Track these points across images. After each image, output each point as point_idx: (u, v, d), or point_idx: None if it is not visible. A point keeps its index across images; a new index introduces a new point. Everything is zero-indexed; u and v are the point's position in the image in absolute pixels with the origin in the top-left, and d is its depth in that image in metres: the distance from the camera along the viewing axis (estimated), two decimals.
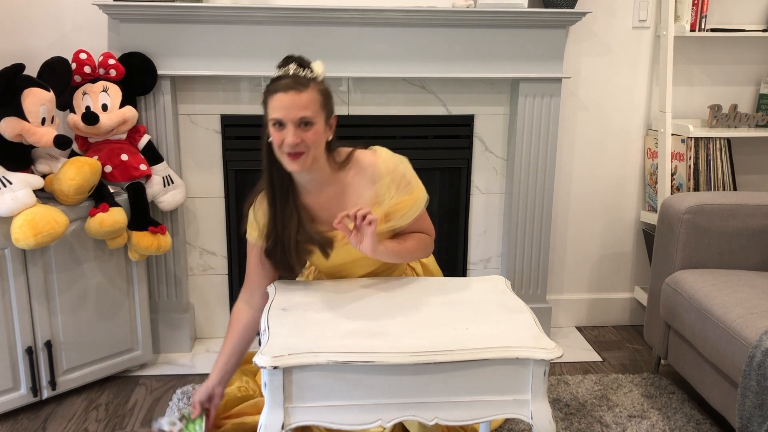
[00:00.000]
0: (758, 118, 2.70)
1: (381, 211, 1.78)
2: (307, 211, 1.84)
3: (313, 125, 1.70)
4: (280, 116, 1.68)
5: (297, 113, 1.68)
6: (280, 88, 1.68)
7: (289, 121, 1.68)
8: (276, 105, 1.68)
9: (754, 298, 2.00)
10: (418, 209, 1.84)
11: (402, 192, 1.81)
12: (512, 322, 1.62)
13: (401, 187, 1.81)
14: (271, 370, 1.43)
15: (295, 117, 1.68)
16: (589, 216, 2.90)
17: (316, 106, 1.71)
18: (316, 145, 1.72)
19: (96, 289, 2.31)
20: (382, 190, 1.80)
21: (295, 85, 1.68)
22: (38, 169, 2.21)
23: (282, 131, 1.69)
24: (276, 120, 1.69)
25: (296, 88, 1.68)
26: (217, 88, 2.57)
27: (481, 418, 1.53)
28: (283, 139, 1.69)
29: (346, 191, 1.83)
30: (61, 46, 2.45)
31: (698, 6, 2.60)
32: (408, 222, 1.84)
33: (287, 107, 1.67)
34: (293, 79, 1.70)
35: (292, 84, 1.68)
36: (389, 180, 1.80)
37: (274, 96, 1.69)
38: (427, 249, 1.93)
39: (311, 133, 1.70)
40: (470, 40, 2.51)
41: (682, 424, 2.20)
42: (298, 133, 1.68)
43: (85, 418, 2.21)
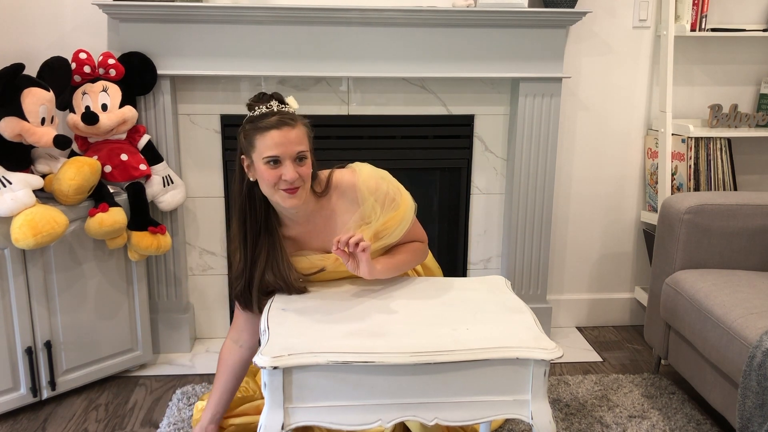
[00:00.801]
0: (758, 118, 2.70)
1: (370, 232, 1.78)
2: (294, 243, 1.84)
3: (307, 159, 1.71)
4: (278, 153, 1.66)
5: (294, 148, 1.67)
6: (272, 125, 1.67)
7: (287, 157, 1.67)
8: (270, 142, 1.66)
9: (754, 298, 2.00)
10: (406, 224, 1.83)
11: (388, 210, 1.81)
12: (512, 322, 1.62)
13: (386, 205, 1.81)
14: (271, 371, 1.43)
15: (292, 153, 1.67)
16: (589, 216, 2.90)
17: (306, 141, 1.71)
18: (309, 177, 1.73)
19: (96, 289, 2.31)
20: (367, 211, 1.80)
21: (287, 121, 1.68)
22: (38, 169, 2.21)
23: (277, 168, 1.67)
24: (272, 157, 1.66)
25: (288, 123, 1.68)
26: (216, 88, 2.57)
27: (482, 419, 1.53)
28: (278, 177, 1.67)
29: (332, 216, 1.83)
30: (61, 45, 2.45)
31: (698, 6, 2.60)
32: (399, 236, 1.84)
33: (284, 143, 1.66)
34: (281, 116, 1.69)
35: (284, 120, 1.68)
36: (373, 201, 1.80)
37: (266, 133, 1.67)
38: (421, 256, 1.93)
39: (305, 168, 1.71)
40: (470, 40, 2.51)
41: (683, 424, 2.19)
42: (296, 168, 1.67)
43: (84, 419, 2.21)
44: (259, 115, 1.70)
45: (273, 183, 1.68)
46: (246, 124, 1.73)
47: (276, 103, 1.72)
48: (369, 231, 1.78)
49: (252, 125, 1.70)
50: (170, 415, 2.20)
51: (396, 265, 1.84)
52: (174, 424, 2.14)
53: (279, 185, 1.69)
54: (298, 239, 1.84)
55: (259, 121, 1.69)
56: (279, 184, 1.68)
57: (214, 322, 2.79)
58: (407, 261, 1.87)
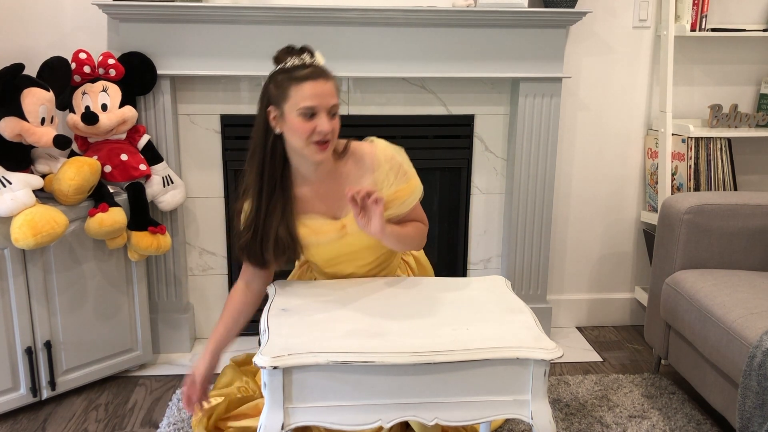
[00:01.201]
0: (759, 118, 2.70)
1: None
2: (302, 202, 1.82)
3: (337, 115, 1.72)
4: (314, 104, 1.66)
5: (329, 101, 1.68)
6: (309, 75, 1.67)
7: (323, 109, 1.67)
8: (307, 93, 1.66)
9: (754, 298, 2.00)
10: (415, 198, 1.85)
11: (400, 180, 1.82)
12: (512, 322, 1.62)
13: (399, 175, 1.82)
14: (271, 371, 1.43)
15: (328, 105, 1.68)
16: (589, 216, 2.90)
17: (337, 94, 1.73)
18: (338, 133, 1.74)
19: (95, 289, 2.31)
20: (381, 177, 1.80)
21: (322, 74, 1.68)
22: (38, 169, 2.21)
23: (312, 120, 1.67)
24: (308, 108, 1.66)
25: (324, 75, 1.69)
26: (216, 88, 2.57)
27: (481, 419, 1.53)
28: (313, 128, 1.67)
29: (345, 181, 1.81)
30: (61, 45, 2.45)
31: (698, 6, 2.60)
32: (406, 210, 1.84)
33: (320, 95, 1.67)
34: (316, 68, 1.69)
35: (319, 72, 1.68)
36: (388, 168, 1.81)
37: (303, 84, 1.66)
38: (423, 238, 1.93)
39: (336, 122, 1.72)
40: (470, 40, 2.51)
41: (683, 424, 2.19)
42: (329, 120, 1.68)
43: (84, 419, 2.21)
44: (293, 66, 1.69)
45: (307, 135, 1.68)
46: (277, 74, 1.71)
47: (308, 56, 1.72)
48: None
49: (286, 75, 1.69)
50: (170, 415, 2.20)
51: (402, 235, 1.82)
52: (174, 424, 2.14)
53: (312, 138, 1.68)
54: (305, 199, 1.83)
55: (294, 71, 1.68)
56: (312, 137, 1.68)
57: (214, 322, 2.76)
58: (412, 235, 1.86)
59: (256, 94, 2.57)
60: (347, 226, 1.79)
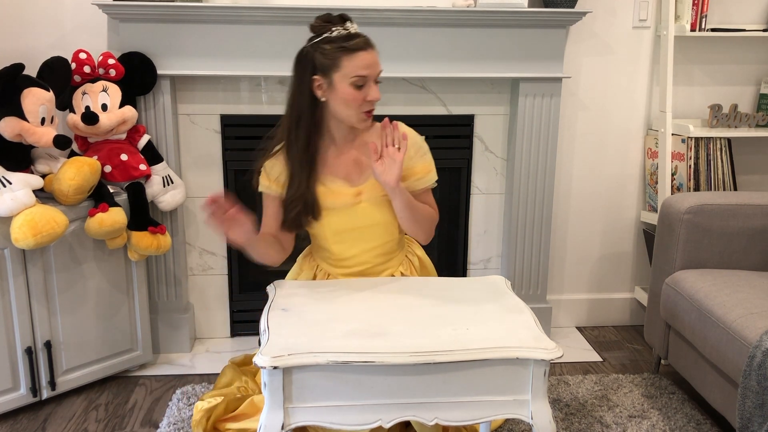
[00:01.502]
0: (758, 118, 2.70)
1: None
2: (325, 165, 1.88)
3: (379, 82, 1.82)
4: (367, 73, 1.75)
5: (377, 70, 1.78)
6: (361, 45, 1.75)
7: (372, 79, 1.77)
8: (360, 63, 1.74)
9: (754, 298, 2.00)
10: (431, 178, 1.93)
11: (419, 157, 1.90)
12: (512, 322, 1.62)
13: (420, 152, 1.91)
14: (271, 371, 1.43)
15: (377, 74, 1.78)
16: (589, 216, 2.90)
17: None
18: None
19: (96, 289, 2.31)
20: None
21: (369, 43, 1.77)
22: (38, 169, 2.21)
23: (362, 90, 1.76)
24: (362, 78, 1.74)
25: (371, 45, 1.77)
26: (216, 88, 2.57)
27: (481, 418, 1.53)
28: (364, 98, 1.76)
29: (366, 151, 1.87)
30: (61, 46, 2.45)
31: (698, 6, 2.60)
32: (422, 186, 1.92)
33: (371, 65, 1.76)
34: (365, 38, 1.77)
35: (368, 42, 1.77)
36: (411, 142, 1.87)
37: (356, 54, 1.73)
38: (432, 222, 1.96)
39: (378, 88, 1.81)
40: (470, 40, 2.51)
41: (683, 424, 2.20)
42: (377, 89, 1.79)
43: (84, 419, 2.21)
44: (343, 36, 1.75)
45: (359, 103, 1.76)
46: (325, 44, 1.76)
47: (354, 26, 1.78)
48: None
49: (336, 45, 1.74)
50: (170, 415, 2.20)
51: (414, 204, 1.86)
52: (174, 424, 2.14)
53: (363, 107, 1.77)
54: (328, 162, 1.89)
55: (345, 41, 1.74)
56: (363, 106, 1.77)
57: (214, 322, 2.79)
58: (422, 211, 1.90)
59: (256, 94, 2.59)
60: (363, 193, 1.85)
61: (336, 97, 1.77)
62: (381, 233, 1.92)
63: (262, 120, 2.62)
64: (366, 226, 1.89)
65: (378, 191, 1.86)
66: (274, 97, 2.60)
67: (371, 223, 1.88)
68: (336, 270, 1.97)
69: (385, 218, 1.89)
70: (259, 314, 1.71)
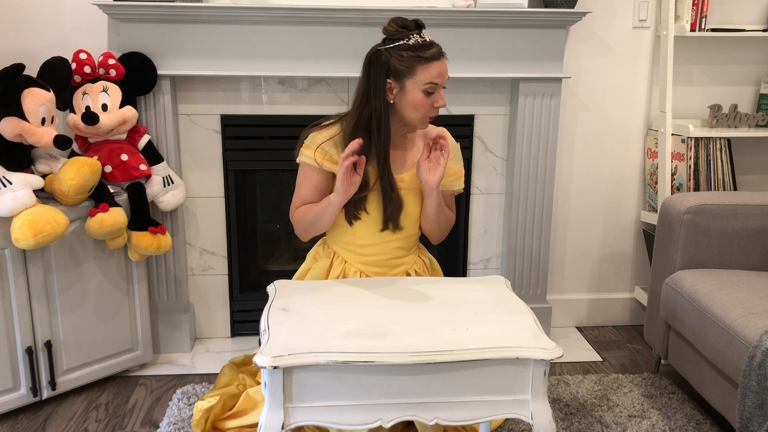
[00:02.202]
0: (758, 118, 2.70)
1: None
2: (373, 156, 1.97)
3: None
4: (439, 81, 1.86)
5: (446, 78, 1.89)
6: (436, 56, 1.85)
7: (441, 87, 1.88)
8: (435, 72, 1.84)
9: (754, 298, 2.00)
10: (460, 184, 2.07)
11: (456, 161, 2.05)
12: (512, 322, 1.62)
13: (456, 157, 2.05)
14: (271, 370, 1.43)
15: (445, 81, 1.89)
16: (589, 216, 2.90)
17: None
18: None
19: (96, 289, 2.31)
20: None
21: (442, 53, 1.88)
22: (38, 169, 2.21)
23: (431, 96, 1.87)
24: (434, 86, 1.85)
25: (444, 55, 1.88)
26: (217, 88, 2.57)
27: (481, 418, 1.53)
28: (431, 104, 1.87)
29: (409, 147, 2.02)
30: (61, 46, 2.45)
31: (698, 6, 2.60)
32: (452, 188, 2.06)
33: (443, 74, 1.87)
34: (439, 48, 1.87)
35: (441, 52, 1.87)
36: (452, 145, 2.02)
37: (432, 63, 1.84)
38: (450, 225, 2.10)
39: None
40: (470, 40, 2.51)
41: (682, 424, 2.20)
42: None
43: (85, 418, 2.21)
44: (419, 45, 1.85)
45: (427, 109, 1.88)
46: (401, 50, 1.85)
47: (428, 34, 1.88)
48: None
49: (413, 53, 1.84)
50: (170, 415, 2.20)
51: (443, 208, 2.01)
52: (174, 424, 2.14)
53: (430, 112, 1.89)
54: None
55: (421, 50, 1.84)
56: (430, 112, 1.89)
57: (214, 322, 2.80)
58: (447, 216, 2.05)
59: (257, 94, 2.59)
60: (405, 181, 1.96)
61: (405, 101, 1.87)
62: (406, 225, 1.99)
63: (262, 120, 2.62)
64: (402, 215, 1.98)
65: (416, 182, 1.97)
66: (274, 97, 2.60)
67: (402, 213, 1.96)
68: (354, 257, 2.01)
69: (414, 211, 1.99)
70: (259, 314, 1.72)
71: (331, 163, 1.92)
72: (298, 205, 1.99)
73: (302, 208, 1.98)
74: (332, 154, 1.92)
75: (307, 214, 1.95)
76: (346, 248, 2.01)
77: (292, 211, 2.01)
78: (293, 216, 2.01)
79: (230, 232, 2.71)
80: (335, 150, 1.92)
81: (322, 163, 1.92)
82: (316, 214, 1.92)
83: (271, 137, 2.64)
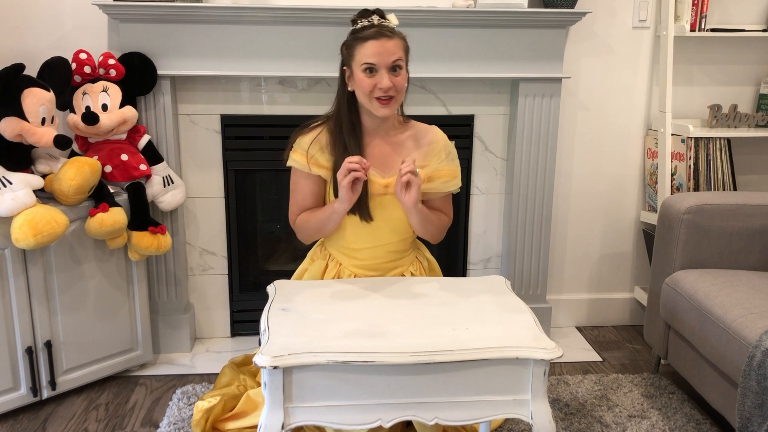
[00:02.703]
0: (758, 118, 2.70)
1: (425, 173, 1.93)
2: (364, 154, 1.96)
3: (401, 70, 1.88)
4: (374, 61, 1.83)
5: (389, 58, 1.83)
6: (371, 35, 1.83)
7: (383, 66, 1.83)
8: (368, 51, 1.83)
9: (754, 298, 2.00)
10: (456, 183, 2.01)
11: (449, 161, 2.00)
12: (512, 322, 1.62)
13: (449, 156, 2.00)
14: (271, 370, 1.43)
15: (388, 62, 1.83)
16: (589, 216, 2.90)
17: (402, 52, 1.88)
18: (402, 90, 1.90)
19: (96, 289, 2.31)
20: (433, 152, 1.98)
21: (385, 33, 1.84)
22: (38, 169, 2.21)
23: (374, 77, 1.84)
24: (369, 65, 1.83)
25: (386, 35, 1.84)
26: (217, 88, 2.57)
27: (481, 418, 1.53)
28: (374, 84, 1.84)
29: (397, 148, 1.98)
30: (61, 46, 2.45)
31: (698, 6, 2.60)
32: (446, 190, 2.01)
33: (380, 53, 1.83)
34: (380, 28, 1.85)
35: (382, 31, 1.84)
36: (442, 147, 1.99)
37: (365, 43, 1.83)
38: (444, 229, 2.06)
39: (401, 78, 1.87)
40: (470, 40, 2.51)
41: (682, 424, 2.20)
42: (390, 77, 1.83)
43: (85, 418, 2.21)
44: (360, 28, 1.87)
45: (369, 91, 1.85)
46: (348, 36, 1.90)
47: (377, 18, 1.87)
48: (424, 172, 1.94)
49: (353, 36, 1.88)
50: (170, 415, 2.20)
51: (428, 216, 1.95)
52: (174, 424, 2.14)
53: (374, 93, 1.85)
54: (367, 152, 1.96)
55: (359, 32, 1.86)
56: (374, 92, 1.85)
57: (214, 322, 2.80)
58: (434, 221, 1.99)
59: (257, 94, 2.59)
60: (390, 186, 1.92)
61: (356, 86, 1.88)
62: (397, 229, 1.97)
63: (262, 120, 2.62)
64: (385, 220, 1.94)
65: None
66: (274, 97, 2.61)
67: (391, 217, 1.94)
68: (348, 261, 2.01)
69: (402, 216, 1.95)
70: (259, 314, 1.72)
71: (318, 167, 1.93)
72: (296, 212, 2.00)
73: (304, 215, 1.98)
74: (318, 158, 1.92)
75: (310, 222, 1.96)
76: (340, 251, 2.02)
77: (292, 218, 2.02)
78: (295, 224, 2.01)
79: (230, 232, 2.71)
80: (321, 154, 1.93)
81: (310, 168, 1.93)
82: (321, 221, 1.93)
83: (271, 137, 2.64)
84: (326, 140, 1.93)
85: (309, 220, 1.96)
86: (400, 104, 1.94)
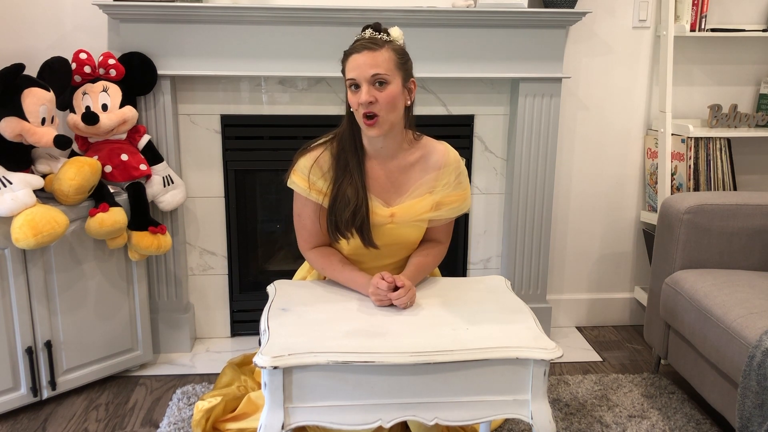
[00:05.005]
0: (758, 118, 2.70)
1: (433, 199, 1.83)
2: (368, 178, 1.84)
3: (388, 84, 1.71)
4: (354, 75, 1.70)
5: (369, 71, 1.69)
6: (355, 49, 1.71)
7: (363, 80, 1.69)
8: (350, 65, 1.71)
9: (754, 298, 2.00)
10: (465, 207, 1.90)
11: (458, 185, 1.87)
12: (512, 322, 1.62)
13: (459, 180, 1.87)
14: (271, 370, 1.43)
15: (367, 75, 1.69)
16: (589, 216, 2.90)
17: (389, 65, 1.71)
18: (390, 107, 1.72)
19: (96, 289, 2.31)
20: (443, 175, 1.85)
21: (369, 45, 1.70)
22: (38, 169, 2.21)
23: (357, 92, 1.71)
24: (351, 80, 1.71)
25: (370, 48, 1.70)
26: (217, 88, 2.57)
27: (481, 418, 1.53)
28: (357, 100, 1.71)
29: (406, 171, 1.85)
30: (61, 46, 2.45)
31: (698, 6, 2.60)
32: (454, 215, 1.89)
33: (359, 66, 1.69)
34: (368, 41, 1.72)
35: (366, 44, 1.71)
36: (453, 169, 1.86)
37: (349, 58, 1.72)
38: (441, 258, 1.95)
39: (384, 93, 1.70)
40: (470, 40, 2.51)
41: (682, 424, 2.20)
42: (372, 91, 1.69)
43: (85, 418, 2.21)
44: (352, 43, 1.75)
45: (354, 107, 1.73)
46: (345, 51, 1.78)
47: (370, 32, 1.74)
48: (432, 198, 1.83)
49: (345, 52, 1.76)
50: (170, 415, 2.20)
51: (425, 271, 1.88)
52: (174, 424, 2.14)
53: (359, 110, 1.72)
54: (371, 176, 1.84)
55: (350, 47, 1.74)
56: (359, 109, 1.72)
57: (214, 322, 2.80)
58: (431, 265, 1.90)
59: (257, 94, 2.60)
60: (395, 215, 1.82)
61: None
62: (398, 251, 1.89)
63: (262, 120, 2.62)
64: (386, 245, 1.85)
65: (409, 216, 1.83)
66: (274, 97, 2.61)
67: (392, 242, 1.84)
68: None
69: (408, 240, 1.87)
70: (259, 314, 1.72)
71: (318, 193, 1.81)
72: (308, 238, 1.88)
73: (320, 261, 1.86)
74: (319, 184, 1.81)
75: (325, 270, 1.86)
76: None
77: (303, 247, 1.90)
78: (308, 255, 1.90)
79: (230, 232, 2.71)
80: (323, 181, 1.81)
81: (309, 194, 1.81)
82: (335, 276, 1.83)
83: (271, 137, 2.64)
84: (328, 164, 1.81)
85: (325, 267, 1.85)
86: (391, 124, 1.75)
